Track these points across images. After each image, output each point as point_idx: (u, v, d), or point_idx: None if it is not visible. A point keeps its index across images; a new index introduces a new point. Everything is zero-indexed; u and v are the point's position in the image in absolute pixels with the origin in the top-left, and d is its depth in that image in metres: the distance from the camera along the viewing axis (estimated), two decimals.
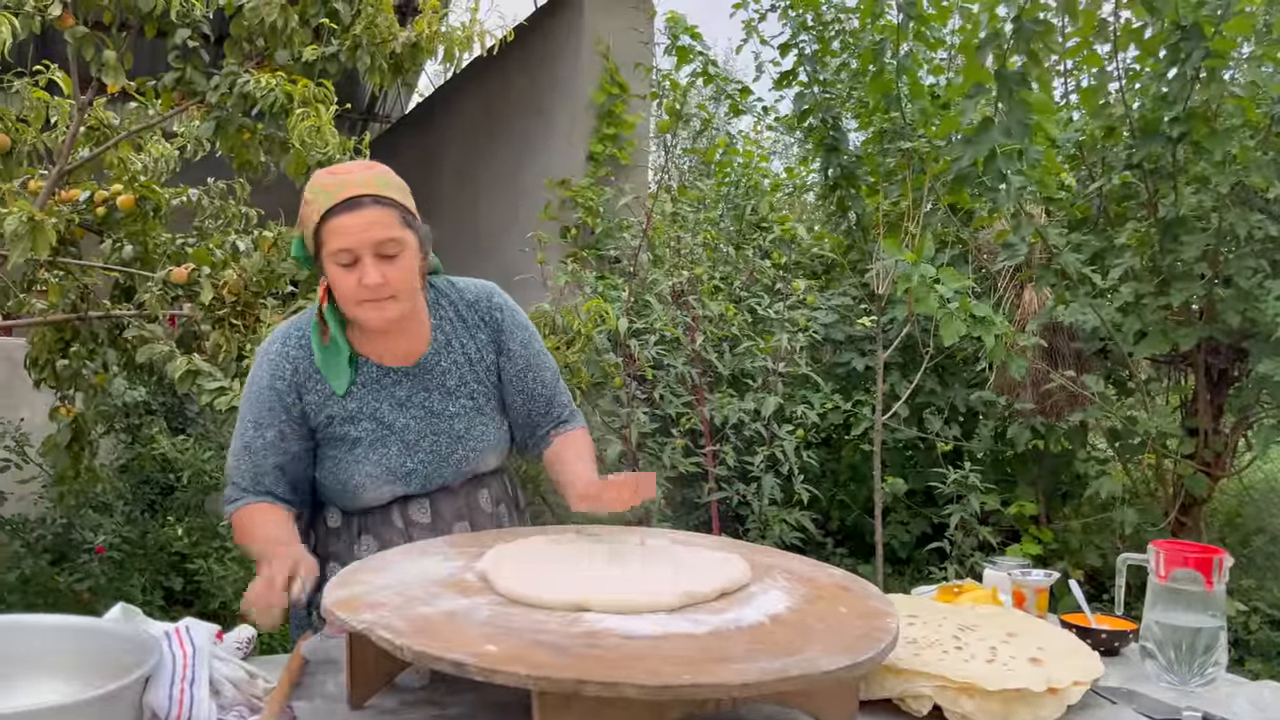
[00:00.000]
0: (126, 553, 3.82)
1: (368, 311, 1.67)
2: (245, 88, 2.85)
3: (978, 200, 4.44)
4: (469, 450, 1.83)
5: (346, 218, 1.61)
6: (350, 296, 1.65)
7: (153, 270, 3.44)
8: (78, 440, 3.22)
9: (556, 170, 6.65)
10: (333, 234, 1.62)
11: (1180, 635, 1.67)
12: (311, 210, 1.65)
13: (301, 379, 1.74)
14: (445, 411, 1.80)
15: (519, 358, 1.87)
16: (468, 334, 1.84)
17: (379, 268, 1.63)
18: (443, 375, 1.81)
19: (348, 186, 1.63)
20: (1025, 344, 3.87)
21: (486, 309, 1.86)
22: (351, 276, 1.63)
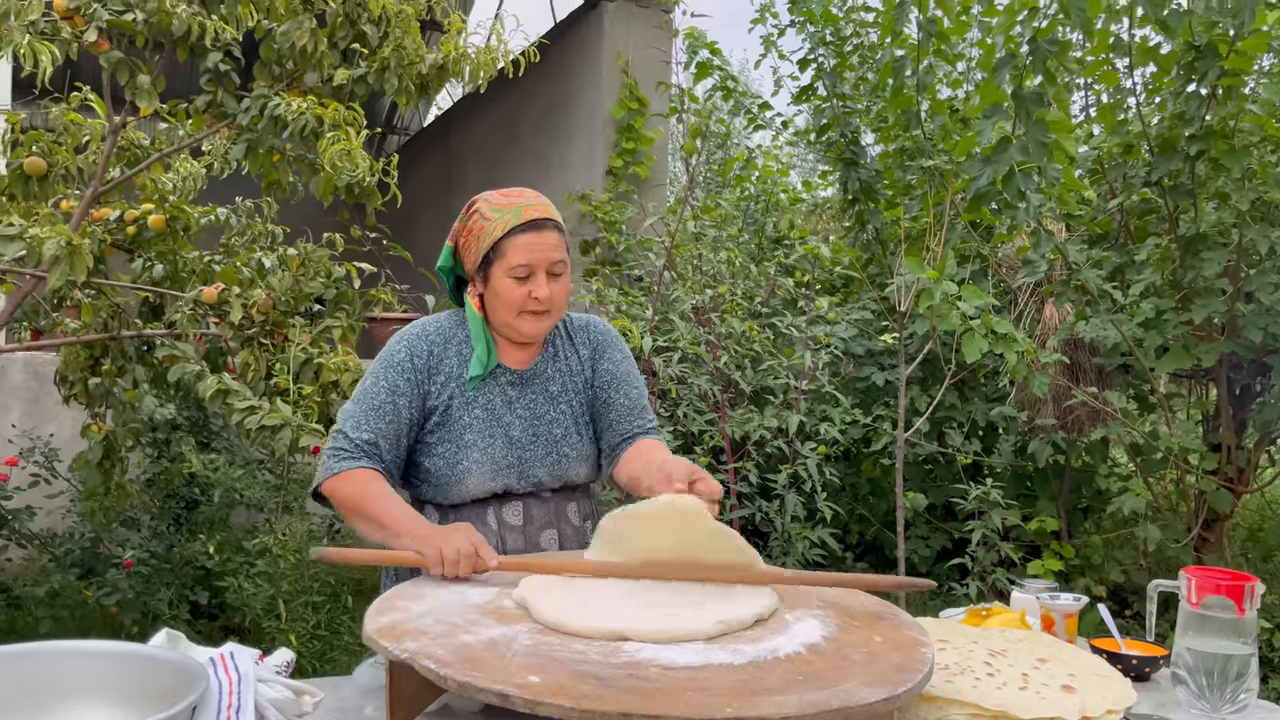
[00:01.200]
0: (153, 568, 3.85)
1: (528, 322, 1.84)
2: (276, 110, 2.89)
3: (997, 217, 4.45)
4: (562, 455, 1.95)
5: (530, 236, 1.81)
6: (516, 306, 1.82)
7: (181, 288, 3.48)
8: (108, 457, 3.26)
9: (576, 184, 6.69)
10: (515, 250, 1.80)
11: (1212, 662, 1.68)
12: (494, 226, 1.82)
13: (434, 363, 1.88)
14: (546, 415, 1.95)
15: (607, 372, 2.02)
16: (572, 349, 2.02)
17: (550, 284, 1.82)
18: (547, 382, 1.97)
19: (530, 209, 1.83)
20: (1047, 361, 3.87)
21: (590, 331, 2.05)
22: (524, 289, 1.81)
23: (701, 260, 3.72)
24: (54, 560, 3.96)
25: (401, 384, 1.85)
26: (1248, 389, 5.03)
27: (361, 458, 1.80)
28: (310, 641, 2.69)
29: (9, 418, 4.85)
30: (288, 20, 3.03)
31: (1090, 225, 4.88)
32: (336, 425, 1.85)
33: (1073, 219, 4.78)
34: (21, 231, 2.45)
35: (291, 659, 1.66)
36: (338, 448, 1.82)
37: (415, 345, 1.88)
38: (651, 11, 6.76)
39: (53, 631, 3.88)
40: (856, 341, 5.61)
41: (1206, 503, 4.82)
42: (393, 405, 1.84)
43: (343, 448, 1.81)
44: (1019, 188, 3.75)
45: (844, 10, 5.92)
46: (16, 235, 2.43)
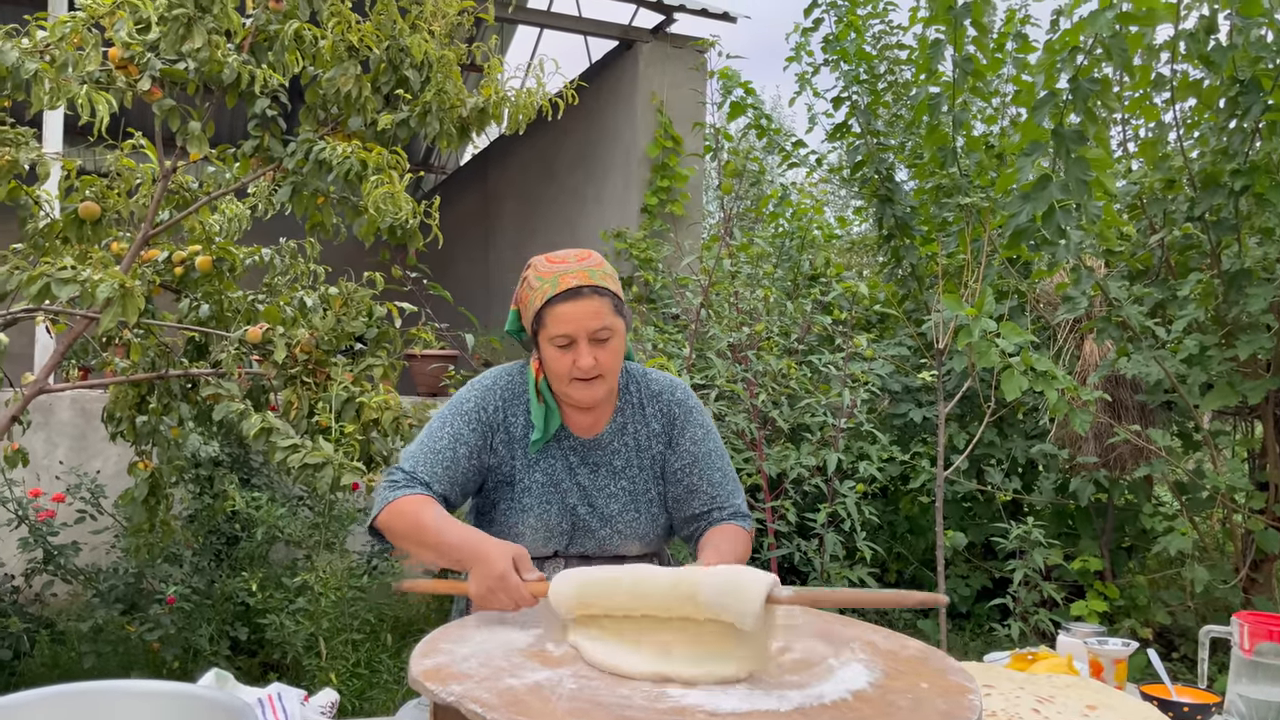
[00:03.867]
0: (195, 604, 3.89)
1: (578, 389, 1.81)
2: (321, 154, 2.95)
3: (1036, 254, 4.43)
4: (614, 531, 1.92)
5: (567, 306, 1.76)
6: (564, 375, 1.80)
7: (226, 328, 3.54)
8: (154, 494, 3.31)
9: (611, 221, 6.75)
10: (554, 320, 1.77)
11: (1266, 710, 1.64)
12: (535, 296, 1.79)
13: (502, 420, 1.87)
14: (605, 489, 1.92)
15: (687, 453, 1.96)
16: (643, 422, 1.96)
17: (592, 351, 1.78)
18: (611, 455, 1.93)
19: (568, 277, 1.78)
20: (1088, 399, 3.83)
21: (668, 402, 1.98)
22: (567, 358, 1.78)
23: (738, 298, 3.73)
24: (98, 596, 4.01)
25: (466, 433, 1.84)
26: None
27: (414, 485, 1.78)
28: (350, 680, 2.70)
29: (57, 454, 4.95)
30: (333, 66, 3.10)
31: (1131, 261, 4.84)
32: (395, 465, 1.85)
33: (1112, 255, 4.75)
34: (75, 274, 2.51)
35: (336, 700, 1.68)
36: (393, 481, 1.80)
37: (485, 397, 1.87)
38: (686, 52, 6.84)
39: (95, 667, 3.93)
40: (893, 378, 5.59)
41: (1254, 543, 4.72)
42: (453, 453, 1.83)
43: (396, 480, 1.80)
44: (1059, 224, 3.73)
45: (878, 48, 5.96)
46: (71, 278, 2.49)
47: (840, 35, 5.66)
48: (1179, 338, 4.47)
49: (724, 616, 1.41)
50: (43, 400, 4.92)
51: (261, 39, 3.12)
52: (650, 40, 6.84)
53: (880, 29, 5.96)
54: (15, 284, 2.63)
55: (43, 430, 4.99)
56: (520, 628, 1.58)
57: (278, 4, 3.08)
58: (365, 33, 3.10)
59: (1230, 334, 4.58)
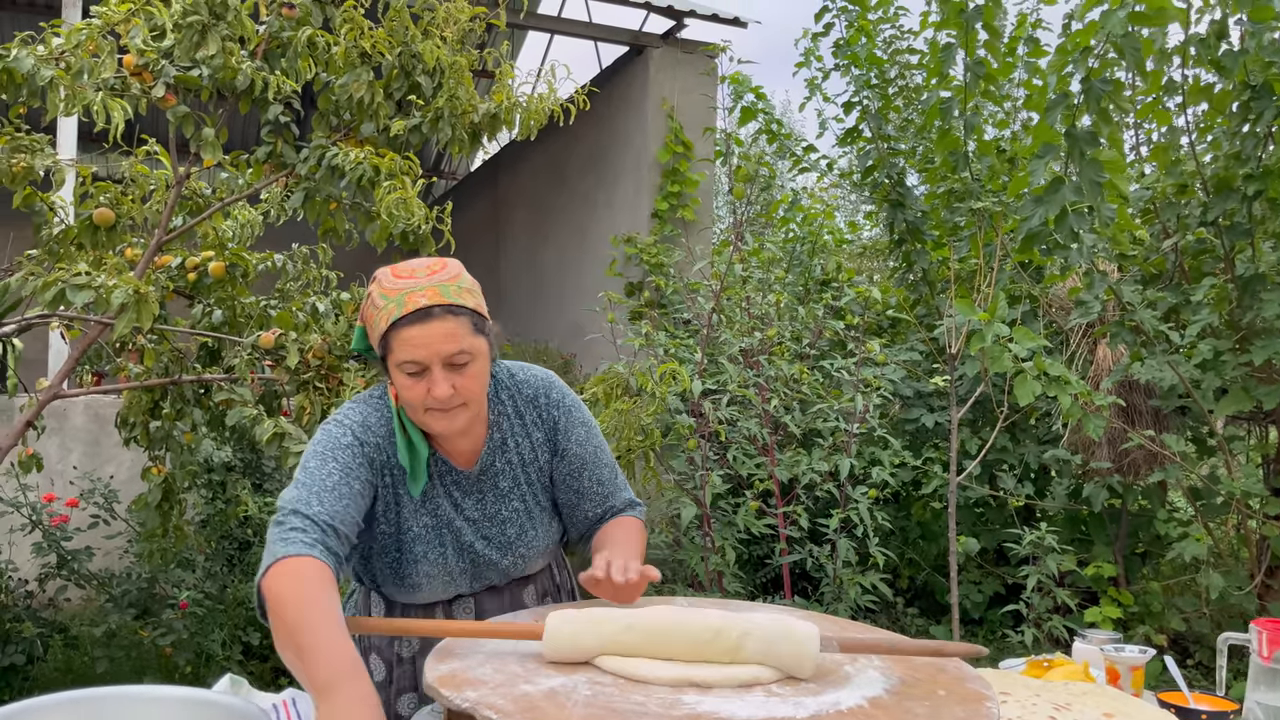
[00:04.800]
0: (207, 609, 3.91)
1: (436, 420, 1.60)
2: (334, 161, 2.96)
3: (1049, 258, 4.41)
4: (517, 556, 1.78)
5: (415, 330, 1.54)
6: (418, 404, 1.59)
7: (239, 333, 3.55)
8: (167, 499, 3.32)
9: (621, 226, 6.76)
10: (401, 345, 1.55)
11: None
12: (380, 317, 1.57)
13: (383, 459, 1.66)
14: (497, 516, 1.76)
15: (575, 457, 1.81)
16: (524, 433, 1.78)
17: (449, 379, 1.57)
18: (496, 477, 1.76)
19: (416, 295, 1.54)
20: (1101, 404, 3.81)
21: (545, 406, 1.80)
22: (420, 386, 1.56)
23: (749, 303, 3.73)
24: (111, 601, 4.02)
25: (354, 466, 1.58)
26: None
27: (314, 543, 1.44)
28: None
29: (70, 459, 4.97)
30: (345, 73, 3.11)
31: (1144, 266, 4.82)
32: (280, 511, 1.51)
33: (1126, 259, 4.73)
34: (90, 280, 2.53)
35: None
36: (286, 526, 1.46)
37: (362, 436, 1.63)
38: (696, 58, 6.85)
39: (108, 672, 3.94)
40: (905, 383, 5.57)
41: (1270, 549, 4.69)
42: (347, 487, 1.55)
43: (293, 526, 1.46)
44: (1072, 228, 3.72)
45: (888, 53, 5.96)
46: (86, 284, 2.51)
47: (851, 40, 5.67)
48: (1193, 342, 4.45)
49: (775, 664, 1.40)
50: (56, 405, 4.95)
51: (275, 46, 3.13)
52: (661, 46, 6.85)
53: (891, 33, 5.96)
54: (30, 290, 2.64)
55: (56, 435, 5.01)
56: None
57: (291, 10, 3.09)
58: (378, 39, 3.11)
59: (1244, 339, 4.56)
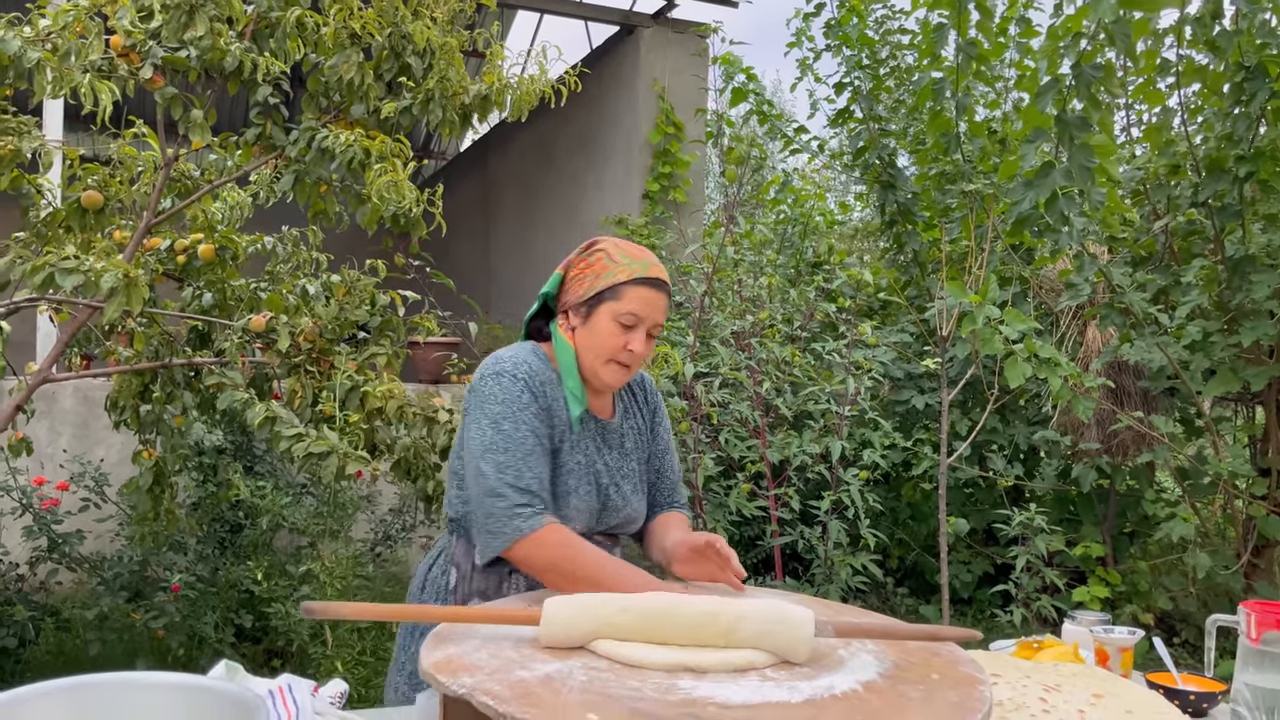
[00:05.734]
0: (199, 591, 3.90)
1: (612, 370, 1.84)
2: (324, 143, 2.94)
3: (1039, 240, 4.42)
4: (633, 508, 1.96)
5: (651, 292, 1.83)
6: (608, 352, 1.82)
7: (229, 316, 3.54)
8: (158, 483, 3.31)
9: (612, 207, 6.73)
10: (633, 298, 1.81)
11: (1273, 699, 1.65)
12: (618, 270, 1.82)
13: (548, 403, 1.84)
14: (624, 467, 1.96)
15: (662, 440, 2.07)
16: (637, 409, 2.05)
17: (645, 342, 1.85)
18: (623, 438, 1.99)
19: (657, 268, 1.85)
20: (1091, 385, 3.83)
21: (651, 391, 2.09)
22: (623, 337, 1.82)
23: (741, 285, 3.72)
24: (102, 584, 4.02)
25: (539, 425, 1.80)
26: None
27: (542, 511, 1.72)
28: (356, 668, 2.71)
29: (60, 443, 4.95)
30: (335, 54, 3.08)
31: (1134, 247, 4.84)
32: (489, 484, 1.72)
33: (1116, 241, 4.74)
34: (79, 264, 2.51)
35: (345, 690, 1.68)
36: (514, 505, 1.70)
37: (533, 386, 1.82)
38: (687, 38, 6.81)
39: (101, 655, 3.94)
40: (896, 365, 5.59)
41: (1256, 528, 4.73)
42: (540, 447, 1.78)
43: (518, 504, 1.70)
44: (1062, 212, 3.72)
45: (880, 33, 5.94)
46: (75, 268, 2.49)
47: (842, 20, 5.64)
48: (1182, 324, 4.47)
49: (770, 648, 1.41)
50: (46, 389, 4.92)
51: (263, 26, 3.10)
52: (651, 26, 6.80)
53: (883, 13, 5.94)
54: (19, 274, 2.62)
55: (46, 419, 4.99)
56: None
57: None
58: (367, 19, 3.09)
59: (1233, 320, 4.58)
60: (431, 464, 3.26)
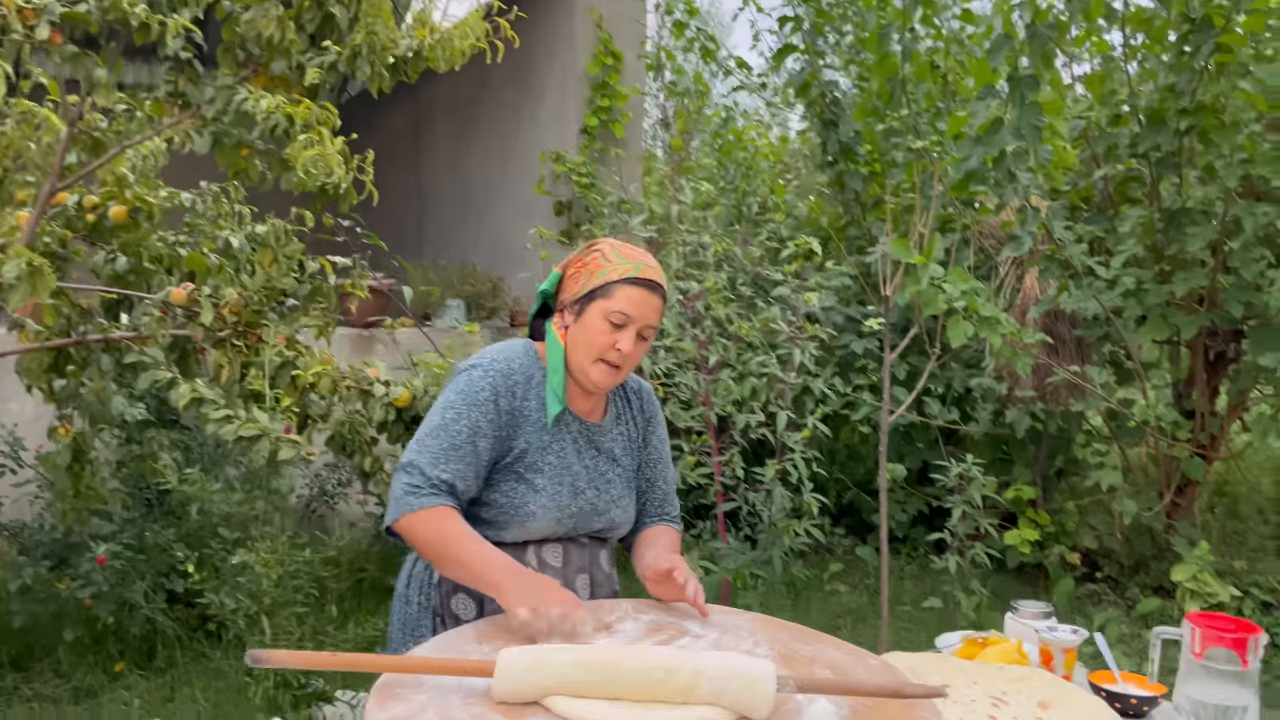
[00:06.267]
0: (128, 559, 3.78)
1: (601, 370, 1.84)
2: (243, 106, 2.75)
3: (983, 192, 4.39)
4: (615, 516, 1.96)
5: (641, 292, 1.82)
6: (597, 351, 1.82)
7: (147, 281, 3.35)
8: (78, 460, 3.17)
9: (548, 141, 6.52)
10: (624, 297, 1.81)
11: (1214, 713, 1.68)
12: (611, 269, 1.83)
13: (518, 404, 1.85)
14: (609, 473, 1.95)
15: (655, 450, 2.06)
16: (630, 416, 2.04)
17: (636, 343, 1.83)
18: (611, 442, 1.98)
19: (651, 269, 1.85)
20: (1030, 342, 3.85)
21: (647, 399, 2.08)
22: (612, 336, 1.82)
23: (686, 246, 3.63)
24: (24, 552, 3.87)
25: (484, 425, 1.81)
26: (1222, 355, 5.06)
27: (440, 494, 1.75)
28: None
29: None
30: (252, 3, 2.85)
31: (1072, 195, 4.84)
32: (409, 457, 1.78)
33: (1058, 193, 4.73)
34: None
35: None
36: (413, 484, 1.75)
37: (500, 386, 1.84)
38: None
39: (28, 625, 3.82)
40: (835, 309, 5.58)
41: (1180, 469, 4.88)
42: (473, 446, 1.79)
43: (417, 484, 1.74)
44: (1009, 169, 3.69)
45: None
46: None
47: None
48: (1118, 275, 4.51)
49: (729, 706, 1.38)
50: None
51: None
52: None
53: None
54: None
55: None
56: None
57: None
58: None
59: (1166, 269, 4.63)
60: (368, 439, 3.16)
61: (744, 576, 3.50)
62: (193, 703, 3.62)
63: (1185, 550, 4.58)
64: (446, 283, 5.96)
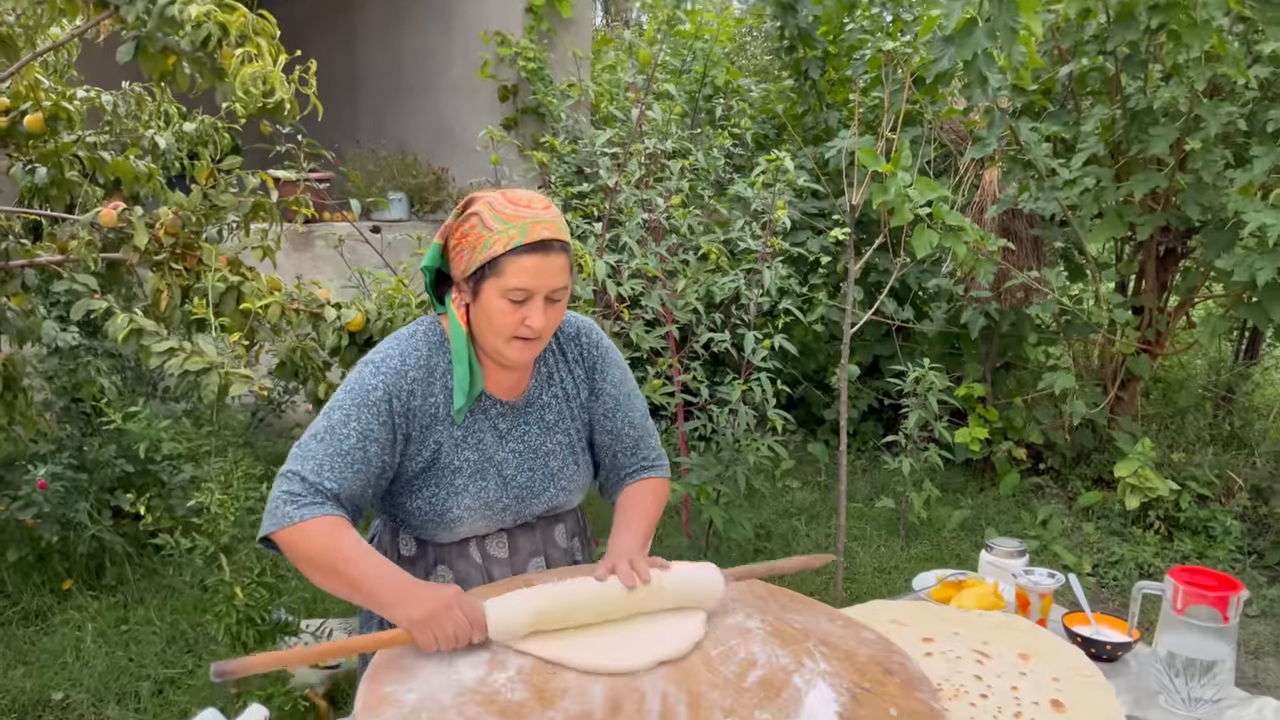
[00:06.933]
0: (69, 480, 3.65)
1: (516, 349, 1.65)
2: (169, 11, 2.49)
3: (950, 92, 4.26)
4: (560, 489, 1.81)
5: (534, 259, 1.59)
6: (506, 331, 1.63)
7: (70, 192, 3.12)
8: (10, 388, 2.99)
9: (491, 20, 6.16)
10: (516, 271, 1.58)
11: (1193, 667, 1.71)
12: (494, 239, 1.59)
13: (417, 404, 1.66)
14: (542, 448, 1.78)
15: (609, 396, 1.85)
16: (566, 369, 1.83)
17: (547, 311, 1.62)
18: (542, 410, 1.79)
19: (538, 226, 1.59)
20: (993, 249, 3.81)
21: (587, 345, 1.85)
22: (517, 314, 1.61)
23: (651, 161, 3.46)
24: None
25: (375, 428, 1.61)
26: (1172, 252, 5.09)
27: (323, 504, 1.55)
28: (256, 590, 2.59)
29: None
30: None
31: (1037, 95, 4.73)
32: (290, 466, 1.58)
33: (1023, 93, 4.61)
34: None
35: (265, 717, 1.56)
36: (293, 492, 1.55)
37: (395, 385, 1.64)
38: None
39: None
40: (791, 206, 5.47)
41: (1125, 365, 4.97)
42: (363, 453, 1.59)
43: (299, 493, 1.55)
44: (981, 71, 3.56)
45: None
46: None
47: None
48: (1079, 175, 4.46)
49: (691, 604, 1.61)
50: None
51: None
52: None
53: None
54: None
55: None
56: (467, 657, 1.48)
57: None
58: None
59: (1125, 167, 4.59)
60: (320, 363, 3.03)
61: (707, 492, 3.50)
62: (148, 624, 3.57)
63: (1128, 445, 4.70)
64: (386, 174, 5.70)
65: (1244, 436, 5.32)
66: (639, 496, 1.85)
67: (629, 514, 1.80)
